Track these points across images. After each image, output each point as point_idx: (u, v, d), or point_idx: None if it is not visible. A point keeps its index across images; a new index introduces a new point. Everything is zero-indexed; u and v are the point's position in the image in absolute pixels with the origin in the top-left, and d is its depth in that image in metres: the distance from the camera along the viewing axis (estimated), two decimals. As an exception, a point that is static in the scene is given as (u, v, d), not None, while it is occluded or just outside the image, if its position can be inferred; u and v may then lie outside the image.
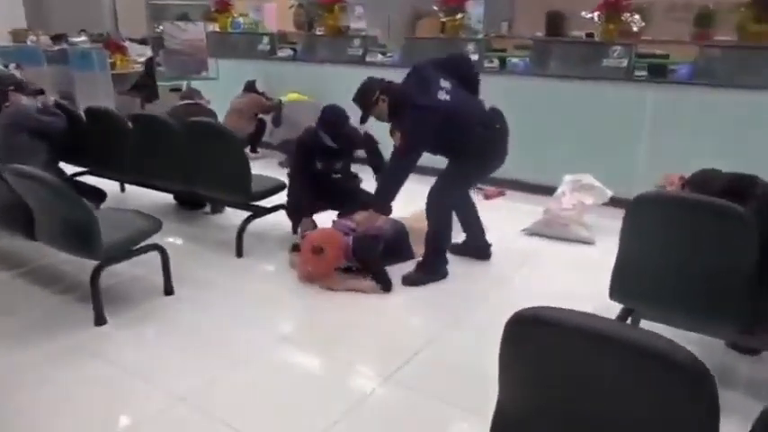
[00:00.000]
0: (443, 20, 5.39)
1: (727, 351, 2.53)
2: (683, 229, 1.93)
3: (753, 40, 4.16)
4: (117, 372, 2.45)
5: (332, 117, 3.55)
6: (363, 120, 3.27)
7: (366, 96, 3.17)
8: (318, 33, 6.30)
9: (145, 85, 7.92)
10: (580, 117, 4.74)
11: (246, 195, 3.56)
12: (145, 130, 3.84)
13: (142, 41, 9.28)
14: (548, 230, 4.03)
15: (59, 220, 2.75)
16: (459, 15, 5.32)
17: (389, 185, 3.16)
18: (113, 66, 7.74)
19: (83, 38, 9.22)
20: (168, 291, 3.08)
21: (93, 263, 2.75)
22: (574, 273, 3.49)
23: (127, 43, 8.55)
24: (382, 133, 3.52)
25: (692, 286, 1.93)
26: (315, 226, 3.57)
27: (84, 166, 4.41)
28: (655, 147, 4.49)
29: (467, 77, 3.28)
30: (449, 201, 3.28)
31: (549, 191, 4.32)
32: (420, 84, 3.10)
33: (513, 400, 1.17)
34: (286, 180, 3.81)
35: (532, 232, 4.11)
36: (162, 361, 2.55)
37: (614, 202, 4.17)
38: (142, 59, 8.43)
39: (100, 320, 2.77)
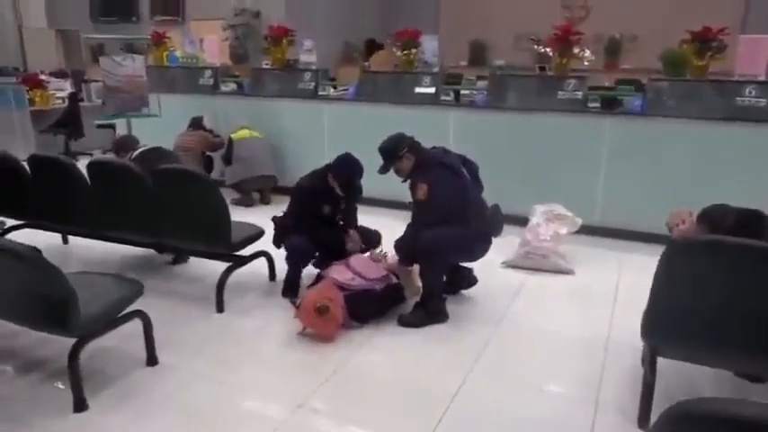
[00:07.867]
0: (399, 54, 5.40)
1: (733, 379, 2.62)
2: (737, 273, 1.95)
3: (695, 74, 4.47)
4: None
5: (348, 169, 3.43)
6: (383, 171, 3.29)
7: (395, 149, 3.25)
8: (266, 67, 6.10)
9: (68, 121, 7.32)
10: (540, 148, 4.86)
11: (227, 245, 3.29)
12: (105, 178, 3.46)
13: (61, 74, 8.62)
14: (528, 263, 4.06)
15: (26, 292, 2.37)
16: (413, 50, 5.36)
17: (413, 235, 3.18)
18: (32, 102, 7.09)
19: (-13, 72, 8.42)
20: (152, 361, 2.75)
21: (67, 339, 2.40)
22: (569, 306, 3.54)
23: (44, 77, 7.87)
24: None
25: (748, 328, 1.95)
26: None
27: (24, 219, 3.93)
28: (612, 174, 4.69)
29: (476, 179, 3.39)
30: (444, 251, 3.16)
31: (515, 220, 4.35)
32: (446, 154, 3.32)
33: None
34: (261, 224, 3.59)
35: (512, 265, 4.12)
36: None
37: (580, 229, 4.30)
38: (62, 94, 7.81)
39: (80, 406, 2.40)
